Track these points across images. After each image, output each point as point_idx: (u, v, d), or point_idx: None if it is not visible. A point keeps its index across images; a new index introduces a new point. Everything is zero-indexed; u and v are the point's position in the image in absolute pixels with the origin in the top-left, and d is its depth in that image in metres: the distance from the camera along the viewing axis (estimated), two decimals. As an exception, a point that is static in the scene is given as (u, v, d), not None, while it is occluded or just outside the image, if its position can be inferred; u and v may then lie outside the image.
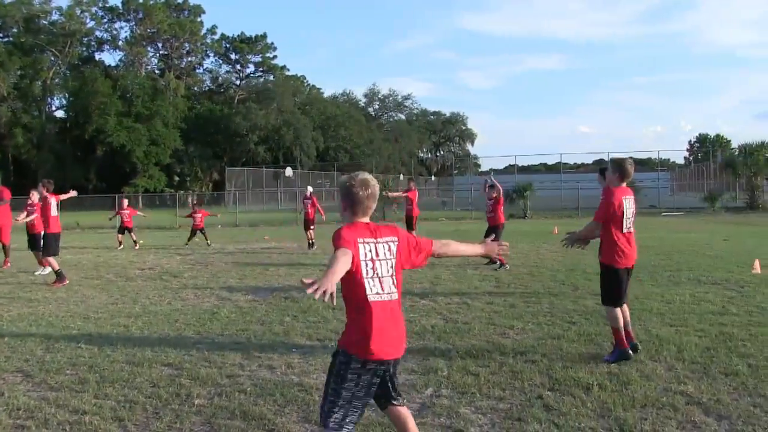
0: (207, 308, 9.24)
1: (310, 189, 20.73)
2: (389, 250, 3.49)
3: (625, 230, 6.15)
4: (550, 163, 79.49)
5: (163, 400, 5.15)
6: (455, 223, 30.76)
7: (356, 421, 3.45)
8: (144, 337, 7.43)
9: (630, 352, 6.03)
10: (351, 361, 3.36)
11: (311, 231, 18.93)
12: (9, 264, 15.02)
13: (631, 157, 6.41)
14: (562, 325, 7.57)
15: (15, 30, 73.82)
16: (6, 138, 69.03)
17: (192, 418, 4.75)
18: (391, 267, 3.47)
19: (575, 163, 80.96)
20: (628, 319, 6.32)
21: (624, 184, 6.23)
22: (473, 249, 4.02)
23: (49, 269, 13.25)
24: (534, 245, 17.31)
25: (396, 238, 3.54)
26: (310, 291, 2.89)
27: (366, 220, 3.54)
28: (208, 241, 20.49)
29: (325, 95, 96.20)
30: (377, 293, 3.37)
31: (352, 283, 3.36)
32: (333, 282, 3.02)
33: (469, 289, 10.44)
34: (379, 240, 3.47)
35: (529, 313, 8.29)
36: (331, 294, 2.95)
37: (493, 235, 6.34)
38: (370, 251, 3.42)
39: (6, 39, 74.30)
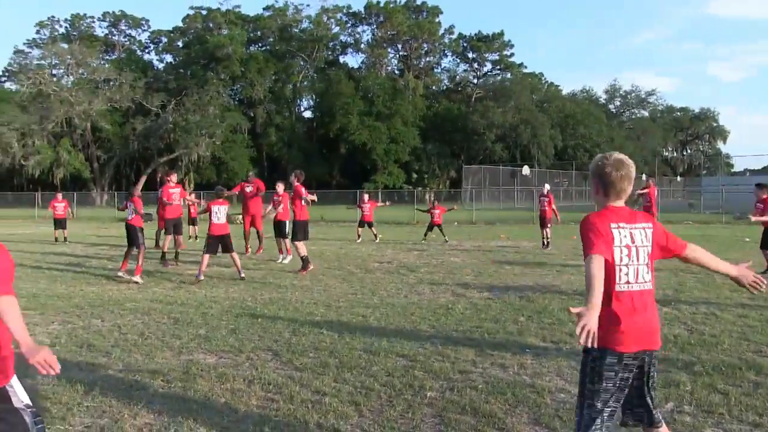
0: (442, 303, 9.39)
1: (547, 187, 20.36)
2: (645, 236, 3.26)
3: None
4: (822, 162, 70.99)
5: (396, 390, 5.30)
6: (702, 227, 28.59)
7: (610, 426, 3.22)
8: (381, 328, 7.71)
9: None
10: (606, 356, 3.14)
11: (547, 230, 18.59)
12: (262, 251, 16.46)
13: None
14: (831, 345, 6.70)
15: (271, 39, 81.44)
16: (261, 137, 75.83)
17: (424, 410, 4.85)
18: (647, 255, 3.24)
19: None
20: None
21: None
22: (725, 267, 3.49)
23: (290, 257, 14.35)
24: (796, 254, 15.61)
25: (651, 225, 3.31)
26: (581, 338, 2.78)
27: (620, 203, 3.31)
28: (446, 237, 20.87)
29: (564, 92, 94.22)
30: (627, 282, 3.16)
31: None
32: (595, 317, 2.86)
33: (717, 299, 9.61)
34: (635, 225, 3.25)
35: (791, 330, 7.45)
36: (593, 335, 2.81)
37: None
38: (626, 237, 3.20)
39: (264, 48, 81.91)
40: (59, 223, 22.22)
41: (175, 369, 5.93)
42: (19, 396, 3.17)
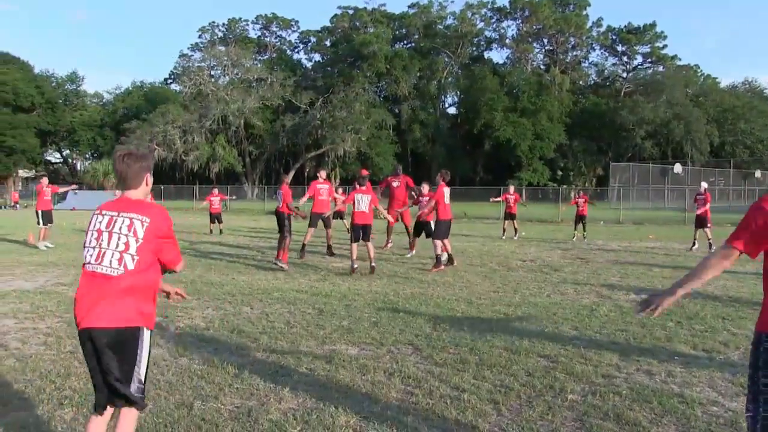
0: (586, 304, 9.16)
1: (704, 185, 19.23)
2: None
3: None
4: None
5: (536, 390, 5.24)
6: None
7: None
8: (522, 327, 7.62)
9: None
10: None
11: (707, 230, 17.63)
12: (390, 245, 16.69)
13: None
14: None
15: (416, 36, 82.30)
16: (406, 133, 76.64)
17: (564, 413, 4.76)
18: None
19: None
20: None
21: None
22: None
23: (445, 255, 14.43)
24: None
25: None
26: (642, 313, 2.68)
27: None
28: (585, 233, 20.42)
29: (722, 85, 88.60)
30: None
31: None
32: (669, 300, 2.71)
33: None
34: None
35: None
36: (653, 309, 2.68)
37: None
38: None
39: (409, 45, 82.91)
40: (215, 217, 23.34)
41: (318, 358, 6.15)
42: (145, 347, 3.49)
